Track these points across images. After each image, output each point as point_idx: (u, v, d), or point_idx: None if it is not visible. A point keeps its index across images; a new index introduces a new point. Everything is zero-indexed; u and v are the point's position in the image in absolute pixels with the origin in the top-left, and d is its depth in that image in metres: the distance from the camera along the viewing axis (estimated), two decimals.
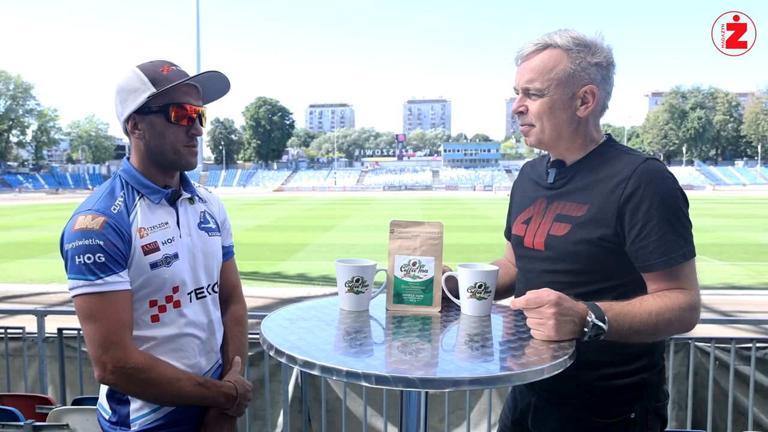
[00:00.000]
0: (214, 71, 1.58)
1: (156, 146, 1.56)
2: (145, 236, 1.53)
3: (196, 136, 1.59)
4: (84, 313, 1.46)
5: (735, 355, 3.26)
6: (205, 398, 1.58)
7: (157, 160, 1.58)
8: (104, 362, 1.45)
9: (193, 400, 1.57)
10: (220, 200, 1.85)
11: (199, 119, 1.59)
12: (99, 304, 1.44)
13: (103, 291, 1.44)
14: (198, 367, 1.63)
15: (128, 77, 1.55)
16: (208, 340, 1.67)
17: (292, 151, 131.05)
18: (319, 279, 12.07)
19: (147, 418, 1.56)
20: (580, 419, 1.55)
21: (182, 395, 1.54)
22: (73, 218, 1.49)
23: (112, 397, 1.59)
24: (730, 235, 19.60)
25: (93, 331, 1.45)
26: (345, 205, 42.67)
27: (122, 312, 1.47)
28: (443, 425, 3.40)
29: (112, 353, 1.44)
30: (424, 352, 1.24)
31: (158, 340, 1.55)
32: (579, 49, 1.52)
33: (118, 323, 1.46)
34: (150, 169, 1.60)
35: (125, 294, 1.48)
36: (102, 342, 1.44)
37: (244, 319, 1.85)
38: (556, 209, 1.59)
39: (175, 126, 1.55)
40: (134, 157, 1.62)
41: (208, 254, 1.68)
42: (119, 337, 1.46)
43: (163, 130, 1.54)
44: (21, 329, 3.72)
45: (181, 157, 1.58)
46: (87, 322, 1.46)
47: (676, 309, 1.39)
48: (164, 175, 1.62)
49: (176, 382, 1.52)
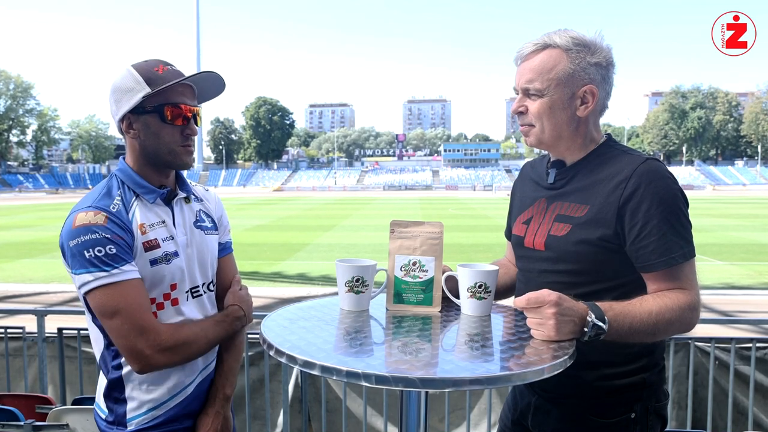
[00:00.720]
0: (209, 71, 1.58)
1: (151, 146, 1.56)
2: (146, 232, 1.53)
3: (191, 136, 1.59)
4: (104, 307, 1.43)
5: (735, 355, 3.26)
6: (227, 331, 1.65)
7: (153, 159, 1.58)
8: (141, 349, 1.43)
9: (220, 337, 1.64)
10: (218, 197, 1.85)
11: (194, 119, 1.59)
12: (119, 295, 1.43)
13: (121, 280, 1.43)
14: (194, 366, 1.64)
15: (123, 77, 1.54)
16: None
17: (292, 151, 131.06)
18: (319, 279, 12.07)
19: (143, 418, 1.56)
20: (580, 419, 1.55)
21: (211, 339, 1.60)
22: (71, 216, 1.48)
23: (109, 396, 1.59)
24: (730, 235, 19.60)
25: (120, 322, 1.43)
26: (345, 205, 42.66)
27: (141, 297, 1.47)
28: (443, 425, 3.40)
29: (146, 338, 1.43)
30: (424, 352, 1.24)
31: None
32: (578, 49, 1.52)
33: (141, 308, 1.45)
34: (145, 169, 1.60)
35: (140, 282, 1.48)
36: (132, 330, 1.43)
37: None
38: (557, 209, 1.59)
39: (170, 126, 1.54)
40: (129, 156, 1.61)
41: (204, 253, 1.68)
42: (146, 321, 1.45)
43: (158, 130, 1.54)
44: (21, 329, 3.72)
45: (176, 157, 1.58)
46: (110, 316, 1.43)
47: (676, 309, 1.39)
48: (160, 175, 1.61)
49: (203, 333, 1.57)
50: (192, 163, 1.63)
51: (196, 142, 1.65)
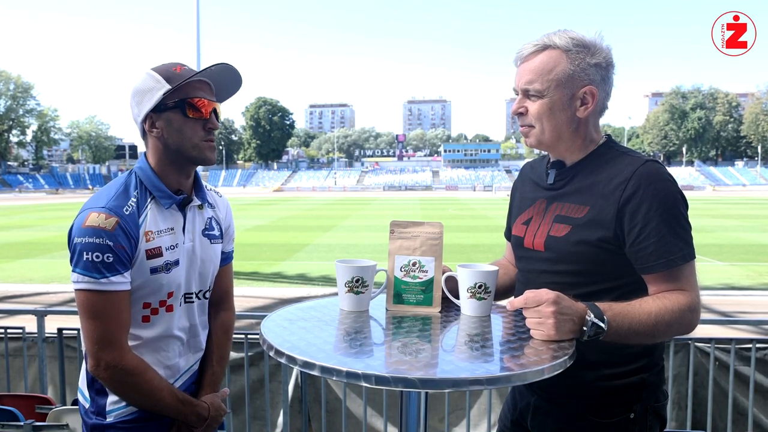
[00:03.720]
0: (225, 64, 1.59)
1: (175, 143, 1.57)
2: (151, 240, 1.54)
3: (213, 130, 1.60)
4: (85, 309, 1.49)
5: (735, 355, 3.26)
6: (179, 413, 1.63)
7: (176, 157, 1.59)
8: (99, 358, 1.49)
9: (168, 412, 1.62)
10: (229, 205, 1.86)
11: (214, 114, 1.60)
12: (101, 303, 1.48)
13: (107, 290, 1.47)
14: (176, 368, 1.67)
15: (143, 79, 1.57)
16: (188, 342, 1.71)
17: (292, 151, 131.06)
18: (319, 279, 12.06)
19: (122, 411, 1.60)
20: (579, 419, 1.55)
21: (160, 405, 1.59)
22: (84, 213, 1.50)
23: (92, 386, 1.62)
24: (730, 236, 19.60)
25: (93, 327, 1.49)
26: (345, 206, 42.66)
27: (122, 312, 1.51)
28: (443, 425, 3.40)
29: (108, 352, 1.49)
30: (424, 353, 1.24)
31: (144, 340, 1.59)
32: (578, 49, 1.52)
33: (118, 323, 1.50)
34: (166, 169, 1.60)
35: (126, 294, 1.51)
36: (100, 339, 1.48)
37: (231, 328, 1.89)
38: (556, 210, 1.59)
39: (192, 121, 1.56)
40: (151, 157, 1.62)
41: (206, 262, 1.70)
42: (116, 336, 1.50)
43: (181, 126, 1.55)
44: (21, 329, 3.72)
45: (200, 152, 1.58)
46: (87, 318, 1.49)
47: (675, 310, 1.39)
48: (179, 176, 1.62)
49: (159, 392, 1.57)
50: (215, 160, 1.63)
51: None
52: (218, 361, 1.81)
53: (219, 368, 1.81)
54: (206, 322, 1.78)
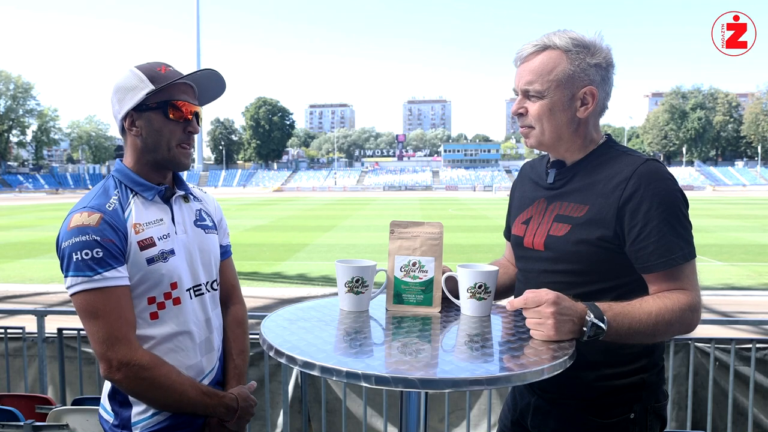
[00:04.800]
0: (210, 69, 1.60)
1: (152, 143, 1.57)
2: (141, 231, 1.53)
3: (192, 134, 1.60)
4: (85, 311, 1.45)
5: (735, 355, 3.26)
6: (207, 407, 1.57)
7: (152, 157, 1.59)
8: (109, 358, 1.44)
9: (195, 407, 1.56)
10: (216, 200, 1.86)
11: (195, 118, 1.60)
12: (99, 300, 1.44)
13: (103, 286, 1.44)
14: (199, 368, 1.63)
15: (126, 76, 1.57)
16: (207, 339, 1.66)
17: (292, 151, 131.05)
18: (319, 279, 12.06)
19: (149, 422, 1.55)
20: (579, 419, 1.55)
21: (184, 401, 1.53)
22: (68, 217, 1.50)
23: (114, 398, 1.58)
24: (730, 236, 19.59)
25: (96, 328, 1.44)
26: (345, 206, 42.65)
27: (124, 308, 1.47)
28: (443, 425, 3.40)
29: (118, 349, 1.44)
30: (424, 353, 1.24)
31: (157, 339, 1.55)
32: (578, 50, 1.51)
33: (121, 319, 1.46)
34: (143, 168, 1.60)
35: (124, 290, 1.48)
36: (106, 338, 1.44)
37: (245, 321, 1.85)
38: (556, 209, 1.59)
39: (173, 123, 1.56)
40: (128, 156, 1.62)
41: (206, 251, 1.68)
42: (123, 332, 1.45)
43: (160, 127, 1.55)
44: (21, 329, 3.72)
45: (174, 156, 1.59)
46: (89, 320, 1.45)
47: (676, 310, 1.39)
48: (157, 174, 1.62)
49: (180, 386, 1.51)
50: (189, 166, 1.64)
51: (196, 143, 1.65)
52: (239, 354, 1.77)
53: (241, 361, 1.76)
54: (220, 316, 1.75)
